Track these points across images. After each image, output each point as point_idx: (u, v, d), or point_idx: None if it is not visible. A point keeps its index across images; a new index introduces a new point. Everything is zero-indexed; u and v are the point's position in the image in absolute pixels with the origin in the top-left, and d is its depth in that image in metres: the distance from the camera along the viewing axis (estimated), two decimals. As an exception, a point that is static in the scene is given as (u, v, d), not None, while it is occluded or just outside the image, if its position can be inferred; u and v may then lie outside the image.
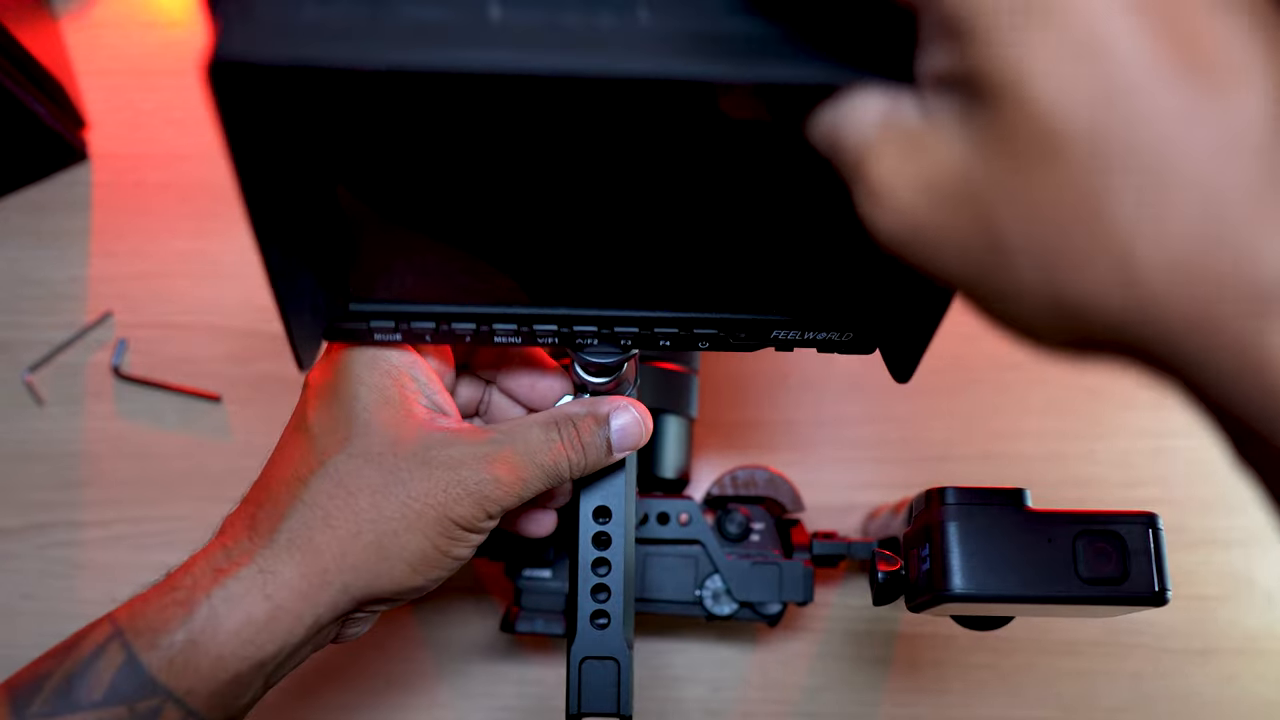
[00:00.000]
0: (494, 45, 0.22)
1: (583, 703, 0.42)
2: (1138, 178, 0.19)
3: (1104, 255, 0.19)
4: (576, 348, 0.38)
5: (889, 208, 0.22)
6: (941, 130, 0.21)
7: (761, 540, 0.55)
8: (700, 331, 0.36)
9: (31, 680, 0.35)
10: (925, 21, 0.20)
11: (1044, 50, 0.19)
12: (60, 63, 0.69)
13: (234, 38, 0.22)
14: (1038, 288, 0.21)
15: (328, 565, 0.36)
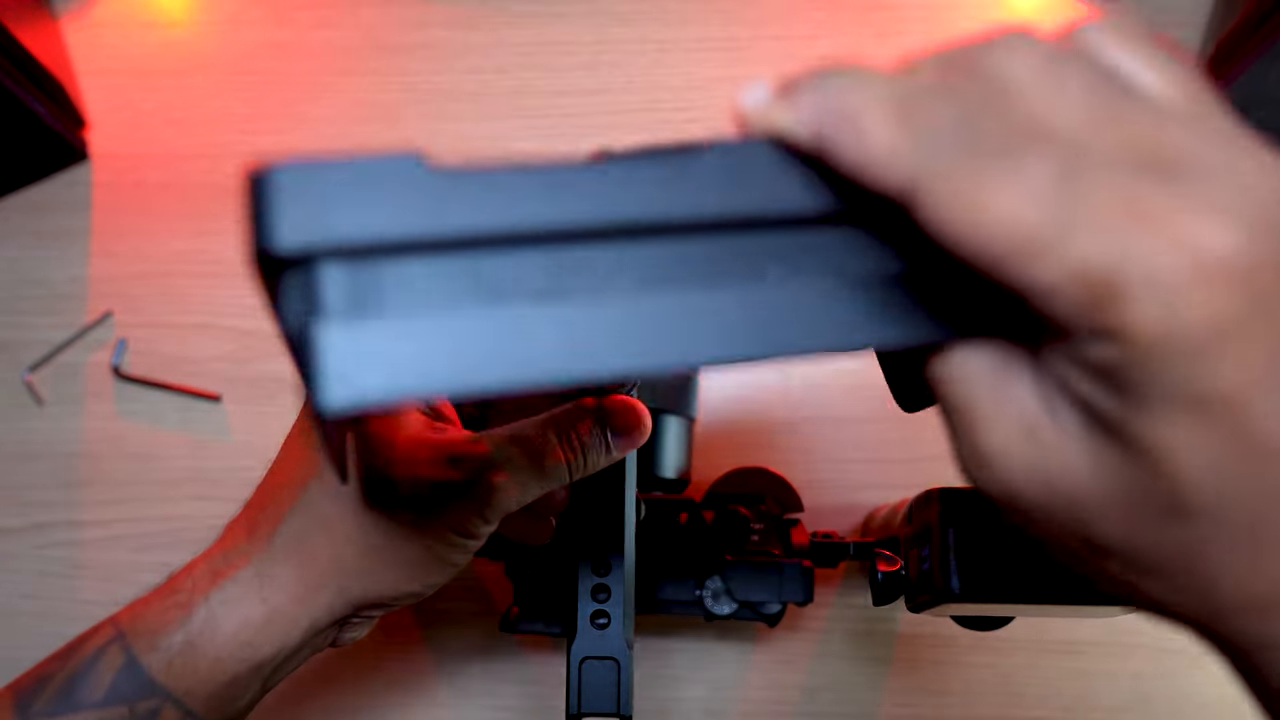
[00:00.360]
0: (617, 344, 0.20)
1: (583, 703, 0.42)
2: (1248, 545, 0.20)
3: (1192, 586, 0.21)
4: None
5: (994, 477, 0.22)
6: (1066, 438, 0.21)
7: (761, 540, 0.55)
8: None
9: (35, 681, 0.36)
10: (1090, 352, 0.20)
11: (1201, 438, 0.19)
12: (60, 63, 0.69)
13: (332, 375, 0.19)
14: (1119, 578, 0.22)
15: (324, 570, 0.36)
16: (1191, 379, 0.19)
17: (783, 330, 0.21)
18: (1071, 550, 0.23)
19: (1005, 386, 0.22)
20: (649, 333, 0.20)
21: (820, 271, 0.21)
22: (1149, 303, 0.18)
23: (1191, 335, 0.18)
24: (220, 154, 0.70)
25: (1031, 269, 0.19)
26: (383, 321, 0.19)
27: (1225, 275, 0.18)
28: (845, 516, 0.64)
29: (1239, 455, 0.19)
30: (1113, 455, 0.20)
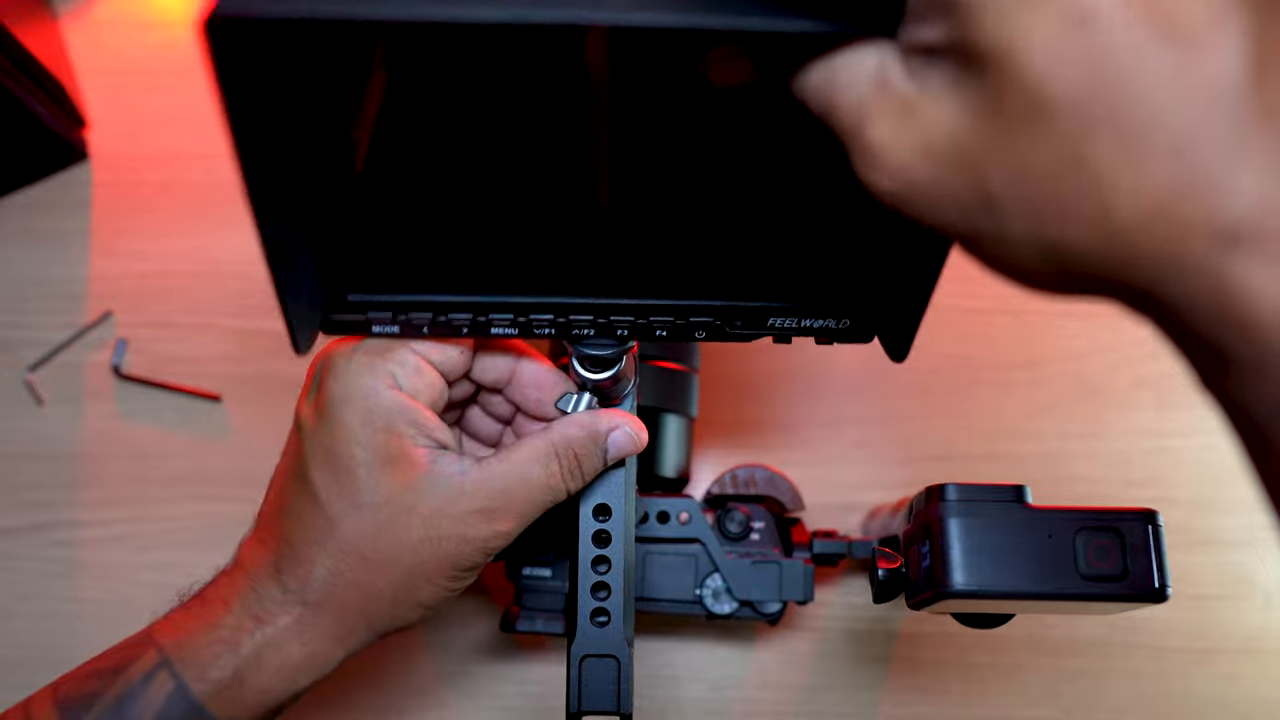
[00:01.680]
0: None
1: (583, 701, 0.42)
2: (1119, 135, 0.20)
3: (1086, 206, 0.21)
4: (573, 340, 0.38)
5: (886, 169, 0.24)
6: (933, 96, 0.23)
7: (761, 539, 0.55)
8: (697, 320, 0.36)
9: (81, 698, 0.38)
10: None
11: (1034, 24, 0.20)
12: (60, 63, 0.69)
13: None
14: (1026, 237, 0.22)
15: (354, 618, 0.39)
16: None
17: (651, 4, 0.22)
18: (976, 227, 0.23)
19: (881, 80, 0.23)
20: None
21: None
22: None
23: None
24: (220, 154, 0.69)
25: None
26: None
27: None
28: (845, 515, 0.64)
29: (1069, 27, 0.20)
30: (972, 86, 0.22)
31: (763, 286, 0.35)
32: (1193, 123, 0.20)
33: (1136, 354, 0.67)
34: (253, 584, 0.39)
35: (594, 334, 0.37)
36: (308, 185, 0.31)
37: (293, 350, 0.34)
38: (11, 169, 0.70)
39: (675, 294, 0.35)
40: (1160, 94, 0.20)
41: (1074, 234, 0.22)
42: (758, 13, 0.23)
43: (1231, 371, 0.21)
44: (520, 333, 0.36)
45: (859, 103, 0.24)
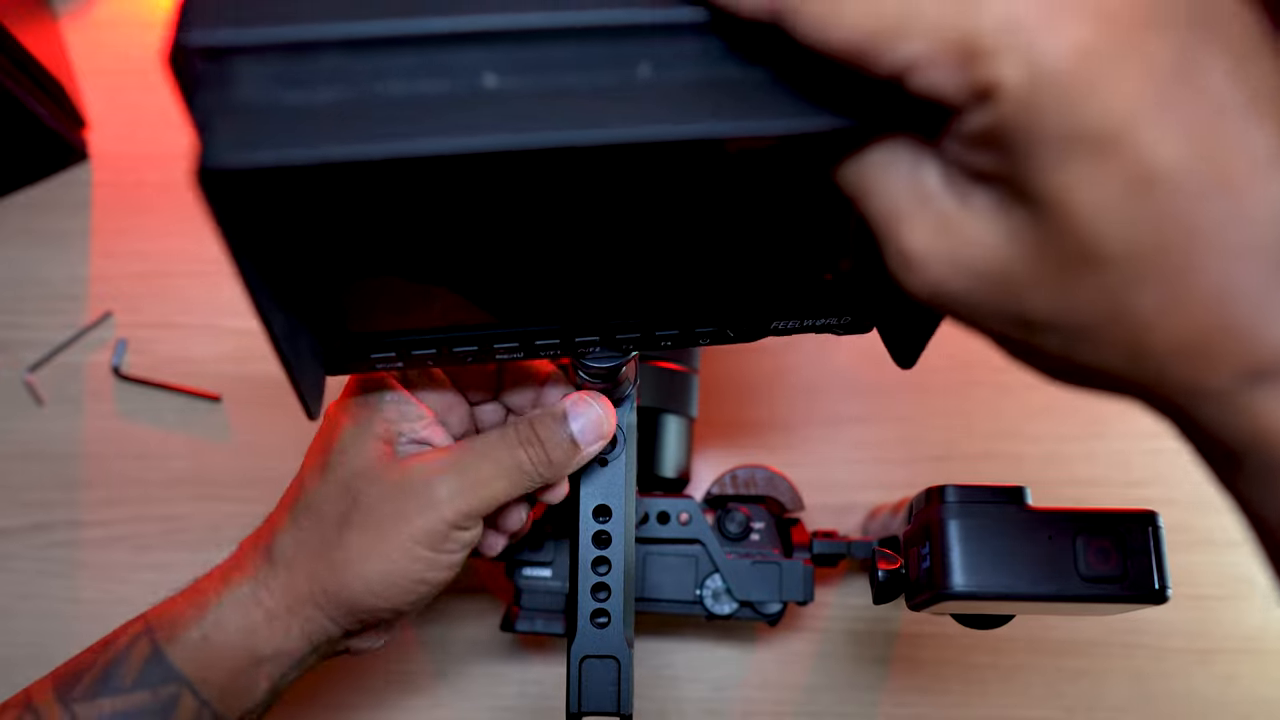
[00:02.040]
0: (495, 122, 0.21)
1: (583, 701, 0.42)
2: (1164, 285, 0.20)
3: (1121, 337, 0.22)
4: (578, 356, 0.38)
5: (921, 277, 0.23)
6: (976, 216, 0.22)
7: (761, 539, 0.55)
8: (700, 330, 0.36)
9: (74, 671, 0.40)
10: (971, 121, 0.21)
11: (1095, 181, 0.20)
12: (60, 63, 0.69)
13: (220, 142, 0.20)
14: (1057, 352, 0.23)
15: (303, 585, 0.40)
16: (1068, 119, 0.19)
17: (651, 111, 0.21)
18: (1008, 335, 0.24)
19: (919, 186, 0.23)
20: (524, 110, 0.21)
21: (695, 66, 0.22)
22: (1009, 52, 0.19)
23: (1057, 76, 0.19)
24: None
25: (895, 53, 0.20)
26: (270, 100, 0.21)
27: (1077, 8, 0.19)
28: (845, 516, 0.64)
29: (1132, 188, 0.20)
30: (1020, 220, 0.21)
31: (763, 295, 0.35)
32: (1235, 270, 0.20)
33: (1137, 354, 0.67)
34: (235, 558, 0.41)
35: (599, 349, 0.37)
36: (304, 275, 0.30)
37: (306, 417, 0.34)
38: (11, 169, 0.70)
39: (678, 310, 0.35)
40: (1208, 246, 0.20)
41: (1105, 358, 0.22)
42: (770, 111, 0.22)
43: (1249, 479, 0.23)
44: (526, 355, 0.36)
45: (894, 207, 0.23)
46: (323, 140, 0.20)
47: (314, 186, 0.27)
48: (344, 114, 0.21)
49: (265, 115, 0.21)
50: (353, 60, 0.21)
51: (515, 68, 0.21)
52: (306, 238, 0.29)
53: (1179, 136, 0.19)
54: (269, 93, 0.21)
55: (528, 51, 0.21)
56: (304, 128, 0.21)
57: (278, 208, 0.27)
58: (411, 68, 0.21)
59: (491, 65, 0.21)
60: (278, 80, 0.21)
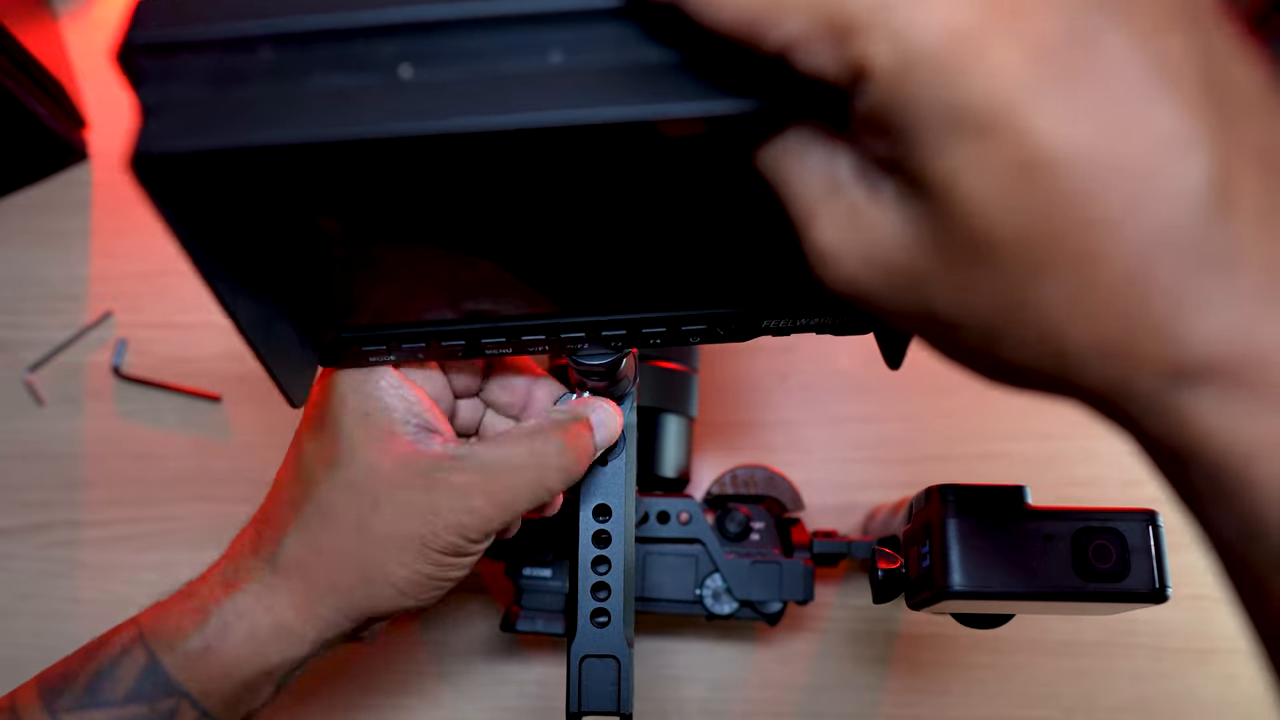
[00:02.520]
0: (409, 109, 0.22)
1: (583, 701, 0.42)
2: (1064, 278, 0.19)
3: (1036, 338, 0.21)
4: (568, 353, 0.38)
5: (834, 271, 0.23)
6: (883, 211, 0.21)
7: (762, 539, 0.55)
8: (689, 329, 0.36)
9: (60, 678, 0.38)
10: (858, 105, 0.20)
11: (976, 163, 0.19)
12: (60, 63, 0.69)
13: (153, 132, 0.22)
14: (978, 351, 0.22)
15: (320, 590, 0.38)
16: (943, 100, 0.18)
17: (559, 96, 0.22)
18: (930, 332, 0.23)
19: (831, 177, 0.22)
20: (433, 99, 0.22)
21: (607, 52, 0.22)
22: (878, 29, 0.18)
23: (928, 53, 0.18)
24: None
25: (778, 30, 0.19)
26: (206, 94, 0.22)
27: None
28: (845, 516, 0.64)
29: (1018, 173, 0.18)
30: (916, 211, 0.20)
31: (751, 292, 0.35)
32: (1143, 261, 0.19)
33: (1136, 354, 0.67)
34: (231, 559, 0.39)
35: (588, 346, 0.37)
36: (272, 265, 0.31)
37: (289, 406, 0.34)
38: (11, 169, 0.70)
39: (665, 306, 0.35)
40: (1109, 236, 0.18)
41: (1025, 357, 0.21)
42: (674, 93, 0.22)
43: (1195, 486, 0.21)
44: (514, 351, 0.36)
45: (807, 198, 0.22)
46: (243, 129, 0.22)
47: (252, 176, 0.28)
48: (269, 105, 0.22)
49: (200, 107, 0.22)
50: (281, 55, 0.22)
51: (429, 59, 0.22)
52: (261, 229, 0.30)
53: (1068, 115, 0.18)
54: (206, 86, 0.22)
55: (441, 42, 0.22)
56: (232, 118, 0.22)
57: (225, 196, 0.28)
58: (333, 61, 0.22)
59: (407, 56, 0.22)
60: (215, 76, 0.22)
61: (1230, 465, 0.20)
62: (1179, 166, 0.18)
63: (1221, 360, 0.19)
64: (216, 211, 0.27)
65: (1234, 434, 0.20)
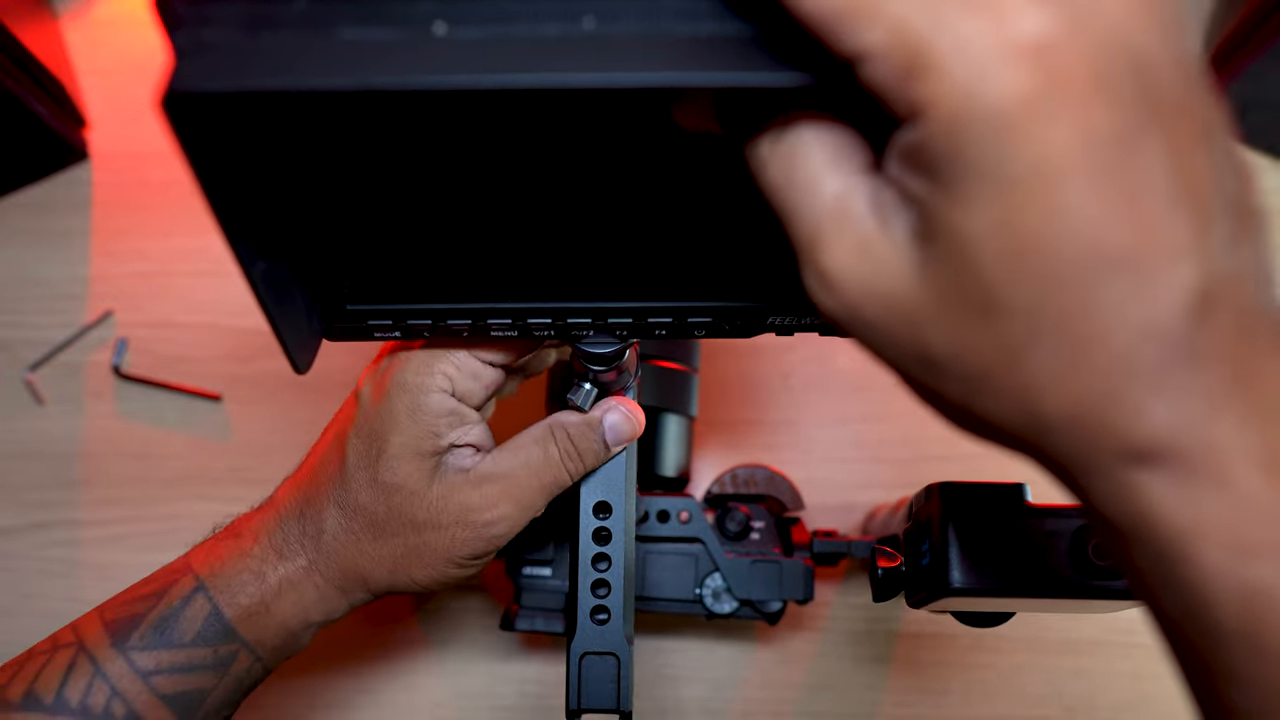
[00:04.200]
0: (441, 63, 0.22)
1: (583, 698, 0.42)
2: (1059, 347, 0.21)
3: (1016, 393, 0.22)
4: (573, 339, 0.38)
5: (836, 298, 0.23)
6: (895, 245, 0.22)
7: (762, 538, 0.55)
8: (695, 320, 0.36)
9: (128, 619, 0.42)
10: (906, 136, 0.20)
11: (1004, 223, 0.20)
12: (60, 62, 0.69)
13: (185, 73, 0.22)
14: (955, 398, 0.23)
15: (354, 579, 0.43)
16: (991, 156, 0.19)
17: (601, 61, 0.22)
18: (912, 374, 0.24)
19: (845, 204, 0.22)
20: (464, 56, 0.22)
21: (640, 20, 0.22)
22: (952, 75, 0.19)
23: (990, 111, 0.19)
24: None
25: (855, 30, 0.20)
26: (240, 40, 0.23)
27: (1037, 56, 0.19)
28: (845, 515, 0.64)
29: (1042, 244, 0.20)
30: (930, 253, 0.21)
31: (759, 287, 0.35)
32: (1130, 348, 0.20)
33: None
34: (280, 521, 0.43)
35: (594, 334, 0.37)
36: (290, 225, 0.31)
37: (293, 371, 0.34)
38: (11, 169, 0.70)
39: (673, 296, 0.35)
40: (1110, 319, 0.20)
41: (998, 409, 0.22)
42: (709, 66, 0.22)
43: (1139, 562, 0.23)
44: (520, 335, 0.37)
45: (815, 221, 0.23)
46: (273, 74, 0.22)
47: (275, 125, 0.28)
48: (302, 54, 0.22)
49: (232, 52, 0.22)
50: (316, 6, 0.23)
51: (465, 17, 0.22)
52: (283, 184, 0.30)
53: (1099, 204, 0.19)
54: (240, 33, 0.23)
55: (478, 3, 0.22)
56: (263, 64, 0.22)
57: (249, 148, 0.28)
58: (367, 13, 0.23)
59: (442, 14, 0.22)
60: (249, 22, 0.23)
61: (1176, 545, 0.22)
62: (1181, 272, 0.20)
63: (1177, 446, 0.21)
64: (239, 162, 0.27)
65: (1181, 515, 0.21)
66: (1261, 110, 0.66)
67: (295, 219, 0.31)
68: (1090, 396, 0.21)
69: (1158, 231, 0.20)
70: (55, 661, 0.42)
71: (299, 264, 0.33)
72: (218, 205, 0.26)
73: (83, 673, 0.41)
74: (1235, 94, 0.65)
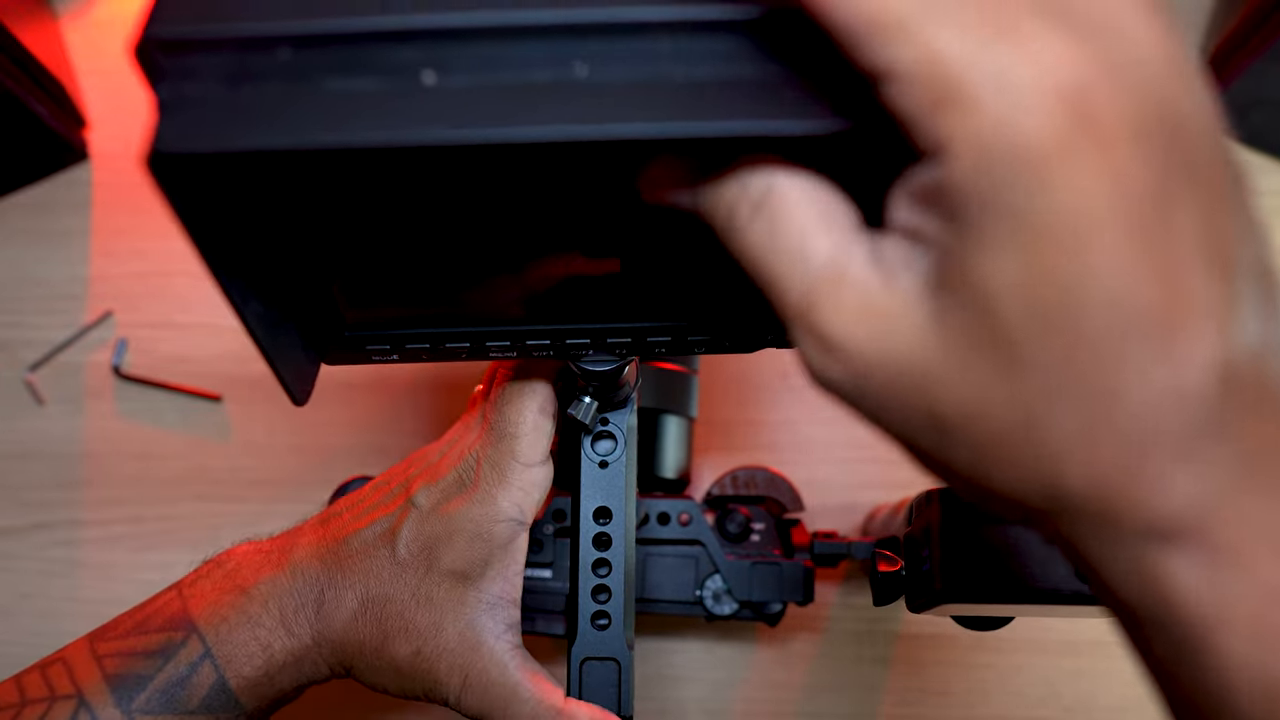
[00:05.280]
0: (432, 116, 0.21)
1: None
2: (1082, 410, 0.19)
3: (1033, 460, 0.20)
4: (572, 358, 0.38)
5: (837, 363, 0.21)
6: (902, 300, 0.20)
7: (762, 540, 0.55)
8: (694, 339, 0.36)
9: (133, 680, 0.41)
10: (926, 174, 0.19)
11: (1030, 272, 0.19)
12: (60, 63, 0.69)
13: (169, 131, 0.22)
14: (965, 467, 0.21)
15: (344, 663, 0.43)
16: (1019, 197, 0.18)
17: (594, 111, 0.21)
18: (918, 443, 0.22)
19: (840, 262, 0.21)
20: (453, 107, 0.22)
21: (633, 67, 0.22)
22: (989, 106, 0.18)
23: (1027, 151, 0.18)
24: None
25: (887, 45, 0.18)
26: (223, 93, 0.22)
27: (1076, 98, 0.18)
28: (845, 516, 0.64)
29: (1069, 295, 0.19)
30: (946, 304, 0.20)
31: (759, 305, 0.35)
32: (1156, 413, 0.19)
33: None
34: (295, 591, 0.42)
35: (593, 353, 0.37)
36: (282, 267, 0.31)
37: (291, 404, 0.34)
38: (11, 169, 0.70)
39: (671, 316, 0.35)
40: (1133, 379, 0.19)
41: (1013, 479, 0.21)
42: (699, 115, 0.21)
43: (1154, 644, 0.22)
44: (519, 355, 0.36)
45: (807, 286, 0.21)
46: (260, 132, 0.21)
47: (264, 176, 0.28)
48: (287, 108, 0.22)
49: (217, 107, 0.22)
50: (300, 56, 0.22)
51: (453, 65, 0.22)
52: (273, 229, 0.30)
53: (1131, 260, 0.18)
54: (223, 85, 0.22)
55: (465, 50, 0.22)
56: (249, 120, 0.22)
57: (237, 198, 0.28)
58: (353, 64, 0.22)
59: (430, 62, 0.22)
60: (232, 74, 0.22)
61: (1198, 631, 0.20)
62: (1210, 337, 0.19)
63: (1201, 523, 0.20)
64: (228, 210, 0.27)
65: (1204, 600, 0.20)
66: (1261, 110, 0.66)
67: (287, 261, 0.31)
68: (1112, 464, 0.20)
69: (1188, 294, 0.19)
70: (54, 715, 0.41)
71: (293, 296, 0.32)
72: (208, 253, 0.26)
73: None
74: (1235, 94, 0.65)
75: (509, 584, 0.42)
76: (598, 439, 0.43)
